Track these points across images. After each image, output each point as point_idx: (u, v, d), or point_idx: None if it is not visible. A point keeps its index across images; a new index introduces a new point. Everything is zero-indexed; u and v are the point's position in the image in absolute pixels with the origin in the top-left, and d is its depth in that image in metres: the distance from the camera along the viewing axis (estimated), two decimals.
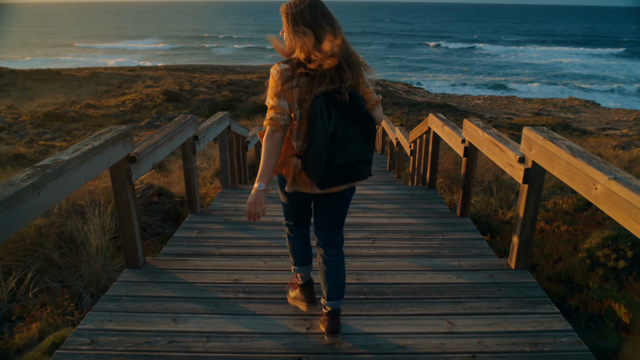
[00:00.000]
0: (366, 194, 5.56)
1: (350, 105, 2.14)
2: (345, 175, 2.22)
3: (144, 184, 5.99)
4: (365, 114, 2.15)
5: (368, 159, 2.24)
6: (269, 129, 2.20)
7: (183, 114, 4.06)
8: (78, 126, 20.52)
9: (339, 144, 2.09)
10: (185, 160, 4.30)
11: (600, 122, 28.86)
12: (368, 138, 2.19)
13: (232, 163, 5.90)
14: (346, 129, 2.11)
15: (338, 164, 2.13)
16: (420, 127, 6.05)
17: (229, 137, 5.76)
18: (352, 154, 2.14)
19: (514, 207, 5.95)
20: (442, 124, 4.95)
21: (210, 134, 4.77)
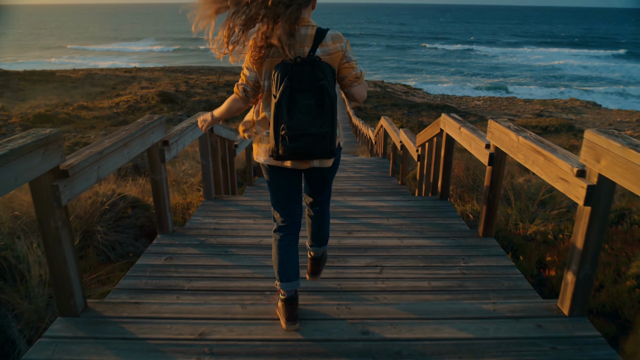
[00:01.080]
0: (369, 207, 4.79)
1: (311, 76, 2.06)
2: (293, 148, 2.10)
3: (115, 194, 5.21)
4: (321, 86, 2.06)
5: (318, 134, 2.09)
6: (233, 95, 2.36)
7: (149, 115, 3.28)
8: (69, 128, 19.78)
9: (282, 113, 2.06)
10: (153, 170, 3.52)
11: (602, 123, 28.15)
12: (321, 111, 2.08)
13: (216, 170, 5.12)
14: (301, 100, 2.07)
15: (282, 135, 2.08)
16: (430, 129, 5.27)
17: (212, 140, 4.98)
18: (296, 126, 2.07)
19: (537, 220, 5.18)
20: (459, 126, 4.17)
21: (185, 138, 3.98)
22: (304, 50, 2.10)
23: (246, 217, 4.47)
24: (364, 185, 7.34)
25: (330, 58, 2.14)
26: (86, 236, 4.51)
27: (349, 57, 2.19)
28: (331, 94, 2.09)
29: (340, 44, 2.15)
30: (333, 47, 2.13)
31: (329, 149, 2.16)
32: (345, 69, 2.20)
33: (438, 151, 5.10)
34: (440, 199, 4.98)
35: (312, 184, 2.50)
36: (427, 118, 24.33)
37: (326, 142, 2.14)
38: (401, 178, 7.42)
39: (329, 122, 2.11)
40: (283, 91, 2.04)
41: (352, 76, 2.21)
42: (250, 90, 2.27)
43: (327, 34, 2.13)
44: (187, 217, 5.68)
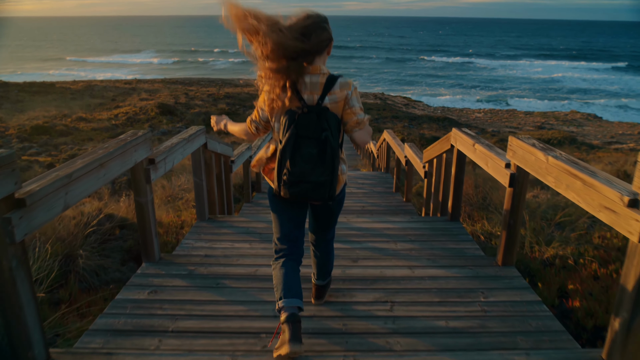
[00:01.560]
0: (375, 229, 4.41)
1: (316, 125, 2.13)
2: (295, 192, 2.20)
3: (102, 213, 4.83)
4: (325, 138, 2.13)
5: (317, 182, 2.18)
6: (247, 125, 2.47)
7: (133, 130, 2.92)
8: (66, 140, 19.51)
9: (284, 160, 2.14)
10: (137, 191, 3.15)
11: (604, 135, 27.86)
12: (321, 161, 2.15)
13: (210, 189, 4.75)
14: (305, 148, 2.13)
15: (284, 180, 2.17)
16: (439, 145, 4.91)
17: (205, 157, 4.62)
18: (297, 173, 2.15)
19: (554, 242, 4.80)
20: (473, 142, 3.82)
21: (175, 155, 3.62)
22: (314, 98, 2.17)
23: (242, 240, 4.10)
24: (367, 202, 6.98)
25: (336, 105, 2.19)
26: (68, 261, 4.13)
27: (352, 104, 2.22)
28: (333, 146, 2.15)
29: (347, 92, 2.20)
30: (340, 95, 2.18)
31: (327, 195, 2.22)
32: (347, 114, 2.23)
33: (448, 168, 4.74)
34: (450, 220, 4.61)
35: (317, 217, 2.56)
36: (428, 130, 24.03)
37: (325, 189, 2.20)
38: (406, 194, 7.05)
39: (328, 172, 2.17)
40: (288, 139, 2.12)
41: (353, 122, 2.24)
42: (261, 128, 2.41)
43: (337, 82, 2.18)
44: (180, 237, 5.31)
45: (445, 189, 4.82)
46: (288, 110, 2.16)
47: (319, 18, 2.18)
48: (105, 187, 7.60)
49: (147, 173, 3.09)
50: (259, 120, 2.37)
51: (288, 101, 2.16)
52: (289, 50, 2.05)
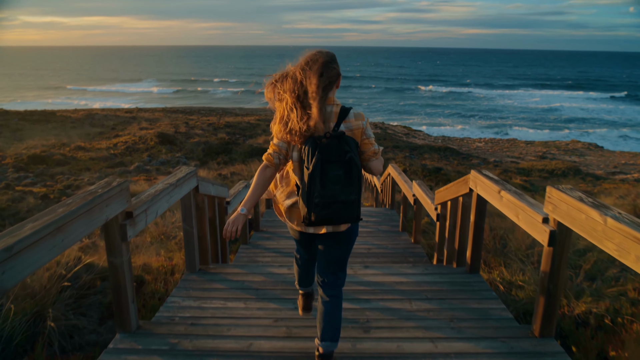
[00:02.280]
0: (385, 283, 3.90)
1: (338, 149, 2.23)
2: (325, 215, 2.28)
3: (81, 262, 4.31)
4: (349, 158, 2.23)
5: (347, 201, 2.28)
6: (264, 163, 2.44)
7: (106, 180, 2.44)
8: (63, 170, 19.13)
9: (315, 183, 2.23)
10: (110, 251, 2.65)
11: (607, 165, 27.47)
12: (349, 181, 2.26)
13: (202, 236, 4.25)
14: (330, 171, 2.23)
15: (315, 203, 2.24)
16: (454, 187, 4.43)
17: (197, 201, 4.14)
18: (329, 194, 2.24)
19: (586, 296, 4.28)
20: (499, 189, 3.34)
21: (160, 204, 3.13)
22: (330, 126, 2.31)
23: (235, 298, 3.58)
24: (373, 244, 6.47)
25: (352, 133, 2.34)
26: (37, 320, 3.61)
27: (369, 134, 2.40)
28: (358, 165, 2.26)
29: (362, 122, 2.37)
30: (355, 124, 2.35)
31: (355, 214, 2.35)
32: (365, 144, 2.40)
33: (465, 214, 4.25)
34: (469, 272, 4.10)
35: (329, 254, 2.59)
36: (430, 161, 23.63)
37: (354, 208, 2.33)
38: (414, 235, 6.54)
39: (357, 190, 2.30)
40: (315, 163, 2.21)
41: (371, 152, 2.42)
42: (282, 158, 2.42)
43: (350, 112, 2.35)
44: (169, 285, 4.79)
45: (462, 236, 4.32)
46: (309, 138, 2.27)
47: (328, 57, 2.33)
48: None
49: (123, 230, 2.60)
50: (279, 150, 2.40)
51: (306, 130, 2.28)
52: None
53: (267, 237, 6.93)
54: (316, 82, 2.26)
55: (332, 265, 2.61)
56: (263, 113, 46.23)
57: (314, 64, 2.30)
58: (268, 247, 6.39)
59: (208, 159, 22.60)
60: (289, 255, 6.01)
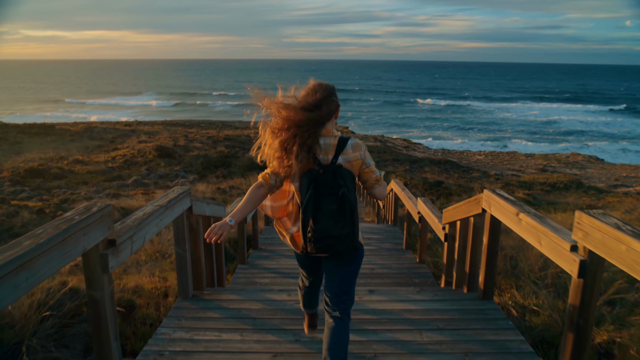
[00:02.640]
0: (393, 311, 3.60)
1: (332, 183, 2.25)
2: (320, 247, 2.30)
3: (66, 287, 4.01)
4: (342, 194, 2.24)
5: (340, 236, 2.28)
6: (258, 182, 2.42)
7: (86, 205, 2.17)
8: (60, 184, 18.86)
9: (307, 218, 2.27)
10: (90, 284, 2.36)
11: (608, 178, 27.23)
12: (342, 215, 2.26)
13: (196, 259, 3.96)
14: (324, 205, 2.25)
15: (309, 237, 2.29)
16: (464, 206, 4.15)
17: (191, 222, 3.86)
18: (321, 229, 2.26)
19: (607, 322, 3.98)
20: (517, 211, 3.06)
21: (148, 229, 2.85)
22: (328, 158, 2.31)
23: (231, 329, 3.28)
24: (376, 263, 6.18)
25: (350, 165, 2.33)
26: (16, 353, 3.31)
27: (368, 163, 2.40)
28: (351, 200, 2.27)
29: (360, 153, 2.35)
30: (353, 156, 2.34)
31: (351, 245, 2.34)
32: (366, 173, 2.41)
33: (477, 235, 3.97)
34: (482, 298, 3.81)
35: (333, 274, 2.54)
36: (431, 174, 23.38)
37: (348, 241, 2.31)
38: (419, 255, 6.26)
39: (349, 225, 2.29)
40: (309, 198, 2.24)
41: (372, 179, 2.43)
42: (279, 182, 2.41)
43: (348, 144, 2.33)
44: (162, 309, 4.49)
45: (474, 259, 4.03)
46: (307, 171, 2.28)
47: (327, 91, 2.33)
48: None
49: (104, 260, 2.32)
50: (277, 175, 2.38)
51: (306, 163, 2.27)
52: (306, 122, 2.23)
53: (266, 256, 6.64)
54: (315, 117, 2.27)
55: (338, 286, 2.54)
56: None
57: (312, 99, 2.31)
58: (267, 267, 6.10)
59: (207, 173, 22.36)
60: (288, 276, 5.72)
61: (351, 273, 2.54)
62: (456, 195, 16.81)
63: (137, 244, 2.69)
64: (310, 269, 2.75)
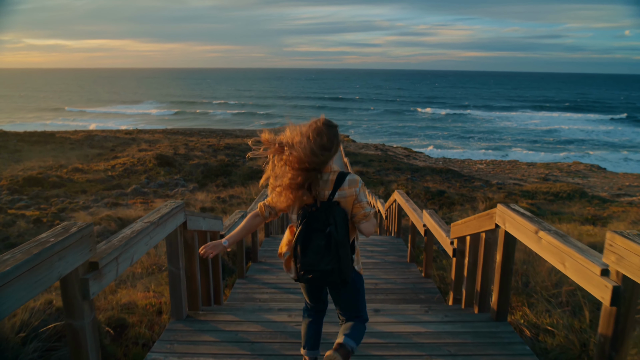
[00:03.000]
0: (401, 334, 3.35)
1: (324, 220, 2.36)
2: (307, 279, 2.45)
3: (51, 307, 3.76)
4: (328, 232, 2.35)
5: (326, 270, 2.38)
6: (255, 211, 2.63)
7: (64, 224, 1.92)
8: (58, 192, 18.65)
9: (296, 251, 2.42)
10: (69, 312, 2.12)
11: (611, 187, 26.98)
12: (328, 252, 2.36)
13: (191, 276, 3.72)
14: (314, 240, 2.38)
15: (298, 268, 2.44)
16: (475, 221, 3.91)
17: (186, 238, 3.61)
18: (308, 263, 2.40)
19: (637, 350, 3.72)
20: (536, 229, 2.82)
21: (136, 248, 2.61)
22: (325, 194, 2.42)
23: (227, 354, 3.03)
24: (380, 277, 5.93)
25: (345, 200, 2.43)
26: None
27: (360, 199, 2.45)
28: (337, 238, 2.36)
29: (355, 189, 2.43)
30: (349, 192, 2.43)
31: (338, 279, 2.42)
32: (356, 208, 2.45)
33: (489, 252, 3.73)
34: (496, 319, 3.56)
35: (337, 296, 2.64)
36: (432, 183, 23.13)
37: (335, 276, 2.41)
38: (425, 269, 6.00)
39: (335, 260, 2.38)
40: (299, 232, 2.40)
41: (361, 215, 2.45)
42: (273, 214, 2.58)
43: (346, 180, 2.43)
44: (156, 327, 4.25)
45: (485, 277, 3.78)
46: (303, 206, 2.41)
47: (332, 133, 2.40)
48: None
49: (84, 286, 2.08)
50: (272, 208, 2.56)
51: (305, 199, 2.40)
52: (312, 164, 2.33)
53: (266, 270, 6.39)
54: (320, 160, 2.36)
55: (346, 309, 2.68)
56: None
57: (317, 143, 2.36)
58: (267, 281, 5.85)
59: (207, 181, 22.14)
60: (289, 291, 5.47)
61: (353, 296, 2.64)
62: (459, 205, 16.57)
63: (123, 266, 2.45)
64: (311, 295, 2.75)
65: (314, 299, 2.74)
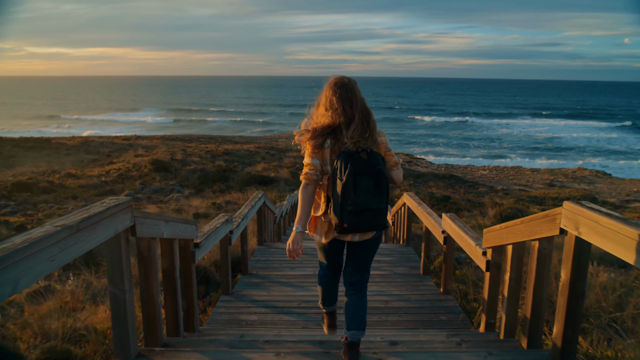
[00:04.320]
0: None
1: (367, 162, 2.44)
2: (356, 222, 2.45)
3: None
4: (378, 170, 2.44)
5: (377, 209, 2.46)
6: (304, 182, 2.58)
7: None
8: (48, 198, 17.74)
9: (349, 193, 2.40)
10: None
11: (619, 193, 26.02)
12: (379, 190, 2.45)
13: (149, 299, 2.74)
14: (360, 182, 2.41)
15: (349, 211, 2.41)
16: (525, 226, 2.92)
17: (140, 248, 2.64)
18: (361, 202, 2.41)
19: None
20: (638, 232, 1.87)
21: (27, 267, 1.64)
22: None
23: None
24: (391, 293, 4.94)
25: (377, 148, 2.58)
26: None
27: (390, 148, 2.65)
28: (386, 176, 2.48)
29: (385, 138, 2.62)
30: (380, 140, 2.60)
31: (384, 221, 2.54)
32: (388, 156, 2.62)
33: (543, 266, 2.76)
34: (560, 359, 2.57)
35: (355, 258, 2.77)
36: (436, 189, 22.18)
37: (383, 215, 2.52)
38: (444, 283, 5.01)
39: (385, 199, 2.50)
40: (348, 175, 2.40)
41: (392, 162, 2.64)
42: (319, 174, 2.58)
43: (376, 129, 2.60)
44: None
45: (539, 301, 2.81)
46: (342, 152, 2.46)
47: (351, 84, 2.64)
48: None
49: None
50: (315, 167, 2.54)
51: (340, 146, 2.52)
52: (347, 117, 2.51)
53: (257, 284, 5.42)
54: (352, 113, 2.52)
55: (358, 268, 2.79)
56: (263, 141, 45.10)
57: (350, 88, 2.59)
58: (257, 298, 4.86)
59: (204, 187, 21.21)
60: (282, 311, 4.49)
61: (370, 258, 2.81)
62: (466, 211, 15.61)
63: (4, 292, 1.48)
64: (333, 256, 2.82)
65: (335, 258, 2.83)
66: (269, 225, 7.60)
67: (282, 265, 6.17)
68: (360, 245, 2.68)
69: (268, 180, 21.69)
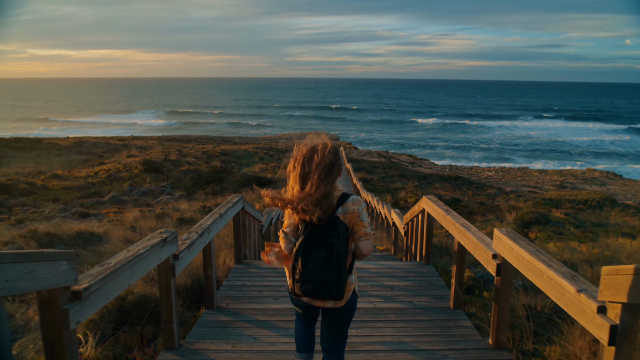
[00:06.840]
0: None
1: (326, 232, 2.33)
2: (307, 290, 2.35)
3: None
4: (330, 243, 2.31)
5: (327, 282, 2.32)
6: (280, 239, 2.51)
7: None
8: (26, 200, 16.14)
9: (297, 262, 2.34)
10: None
11: (634, 195, 24.36)
12: (329, 262, 2.31)
13: None
14: (314, 252, 2.32)
15: (297, 279, 2.35)
16: None
17: None
18: (308, 273, 2.32)
19: None
20: None
21: None
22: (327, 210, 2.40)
23: None
24: (407, 345, 3.27)
25: (346, 217, 2.40)
26: None
27: (362, 218, 2.45)
28: (339, 249, 2.32)
29: (358, 207, 2.44)
30: (351, 208, 2.42)
31: (335, 293, 2.35)
32: (358, 226, 2.44)
33: None
34: None
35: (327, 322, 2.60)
36: (443, 191, 20.49)
37: (332, 288, 2.34)
38: (495, 332, 3.32)
39: (335, 272, 2.32)
40: (300, 244, 2.34)
41: (362, 232, 2.43)
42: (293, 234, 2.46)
43: (350, 198, 2.45)
44: None
45: None
46: (304, 220, 2.36)
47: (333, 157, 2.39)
48: None
49: None
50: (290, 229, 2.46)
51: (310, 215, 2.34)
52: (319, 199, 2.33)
53: (223, 325, 3.76)
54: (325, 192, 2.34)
55: (332, 334, 2.62)
56: (262, 141, 43.50)
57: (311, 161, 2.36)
58: (214, 357, 3.19)
59: (196, 189, 19.56)
60: None
61: (346, 325, 2.61)
62: (480, 215, 13.88)
63: None
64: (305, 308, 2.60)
65: (309, 309, 2.61)
66: (251, 237, 5.93)
67: (263, 293, 4.51)
68: (332, 313, 2.54)
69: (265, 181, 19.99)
